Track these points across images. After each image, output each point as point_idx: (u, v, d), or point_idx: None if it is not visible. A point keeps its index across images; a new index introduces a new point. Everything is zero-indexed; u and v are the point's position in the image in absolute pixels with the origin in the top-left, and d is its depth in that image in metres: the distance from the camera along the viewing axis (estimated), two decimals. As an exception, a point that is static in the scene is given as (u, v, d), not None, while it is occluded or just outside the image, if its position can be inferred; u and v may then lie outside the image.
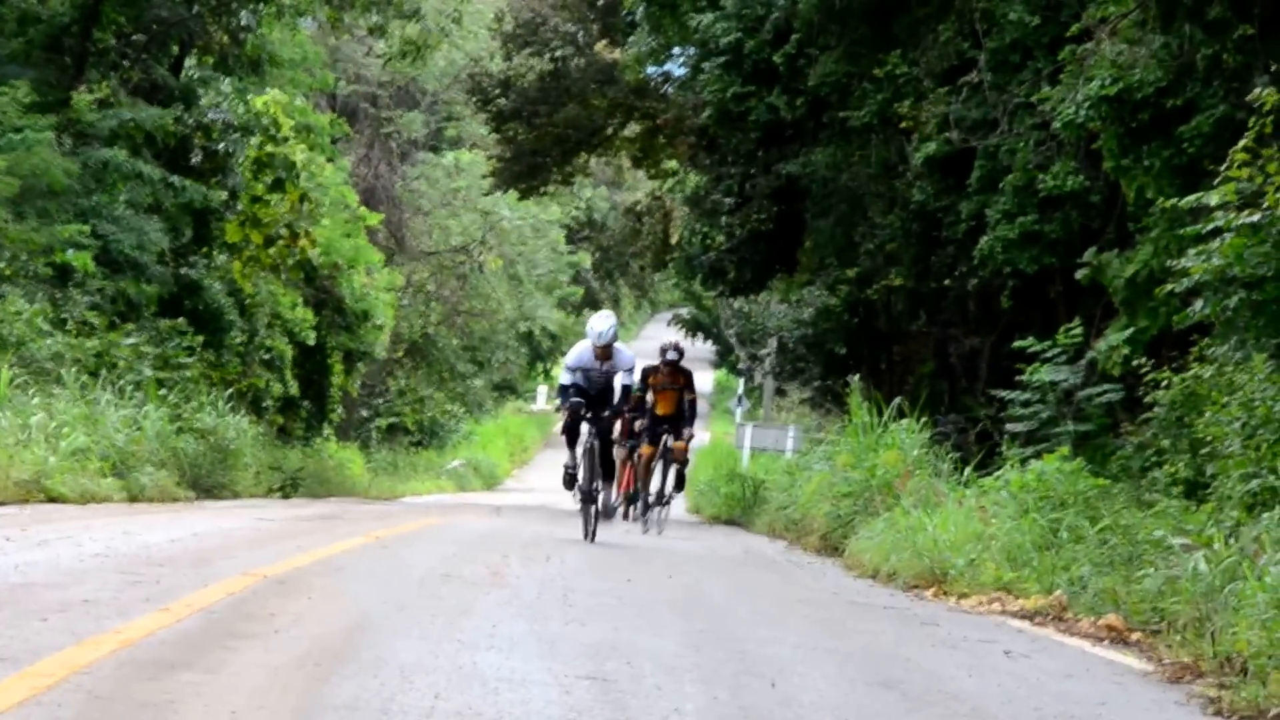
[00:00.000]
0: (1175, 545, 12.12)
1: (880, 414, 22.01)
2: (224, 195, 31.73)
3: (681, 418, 23.11)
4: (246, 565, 11.80)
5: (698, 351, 72.16)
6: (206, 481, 25.08)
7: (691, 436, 23.53)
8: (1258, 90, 14.80)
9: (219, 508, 21.80)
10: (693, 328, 69.05)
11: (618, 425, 20.57)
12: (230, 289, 33.77)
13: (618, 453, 28.28)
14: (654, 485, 23.18)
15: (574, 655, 8.80)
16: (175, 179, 29.32)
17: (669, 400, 23.20)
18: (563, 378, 19.30)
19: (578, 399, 18.92)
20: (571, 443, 19.41)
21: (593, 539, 18.62)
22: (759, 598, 13.79)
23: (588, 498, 18.93)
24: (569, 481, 19.37)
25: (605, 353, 18.87)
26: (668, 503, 23.56)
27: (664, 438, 23.05)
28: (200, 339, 29.63)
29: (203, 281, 31.40)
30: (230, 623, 8.89)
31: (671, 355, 23.27)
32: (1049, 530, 15.03)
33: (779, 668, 9.17)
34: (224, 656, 7.78)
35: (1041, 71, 23.61)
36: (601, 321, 18.97)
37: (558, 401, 19.37)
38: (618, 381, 18.83)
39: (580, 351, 19.17)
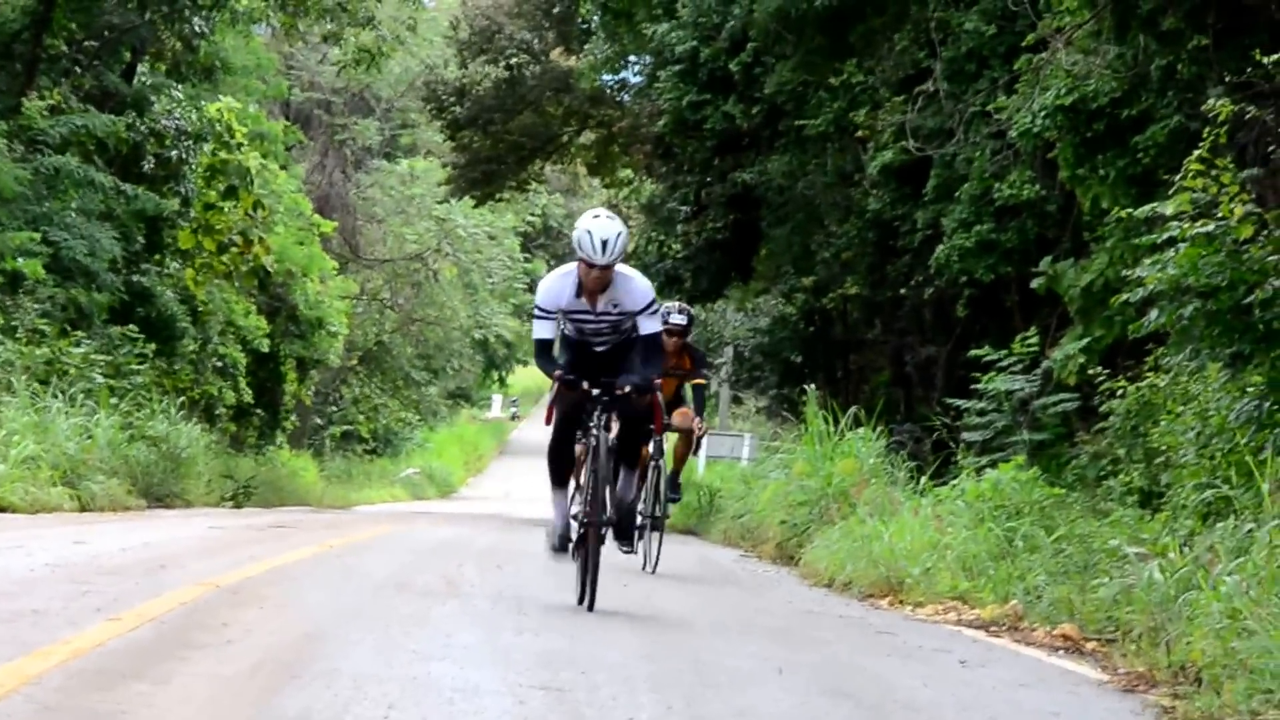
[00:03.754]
0: (1130, 554, 12.13)
1: (836, 422, 22.00)
2: (176, 202, 31.60)
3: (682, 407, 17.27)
4: (198, 575, 11.71)
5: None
6: (158, 490, 24.93)
7: (702, 429, 17.45)
8: (1212, 101, 14.83)
9: (171, 516, 21.67)
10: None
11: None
12: (183, 296, 33.61)
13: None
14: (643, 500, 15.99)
15: (528, 665, 8.75)
16: (127, 186, 29.18)
17: (666, 386, 16.90)
18: (538, 331, 11.70)
19: (570, 377, 11.57)
20: (561, 475, 11.89)
21: (591, 604, 11.65)
22: (714, 607, 13.75)
23: (585, 537, 11.74)
24: (560, 543, 11.93)
25: (602, 282, 11.44)
26: (661, 522, 17.05)
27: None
28: (152, 346, 29.47)
29: (155, 289, 31.23)
30: (182, 633, 8.81)
31: (678, 319, 16.99)
32: (1004, 539, 15.04)
33: (734, 677, 9.13)
34: (175, 667, 7.70)
35: (997, 81, 23.68)
36: (602, 225, 11.29)
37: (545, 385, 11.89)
38: (643, 328, 11.69)
39: (560, 284, 11.60)
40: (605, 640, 10.22)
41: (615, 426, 11.75)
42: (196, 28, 31.63)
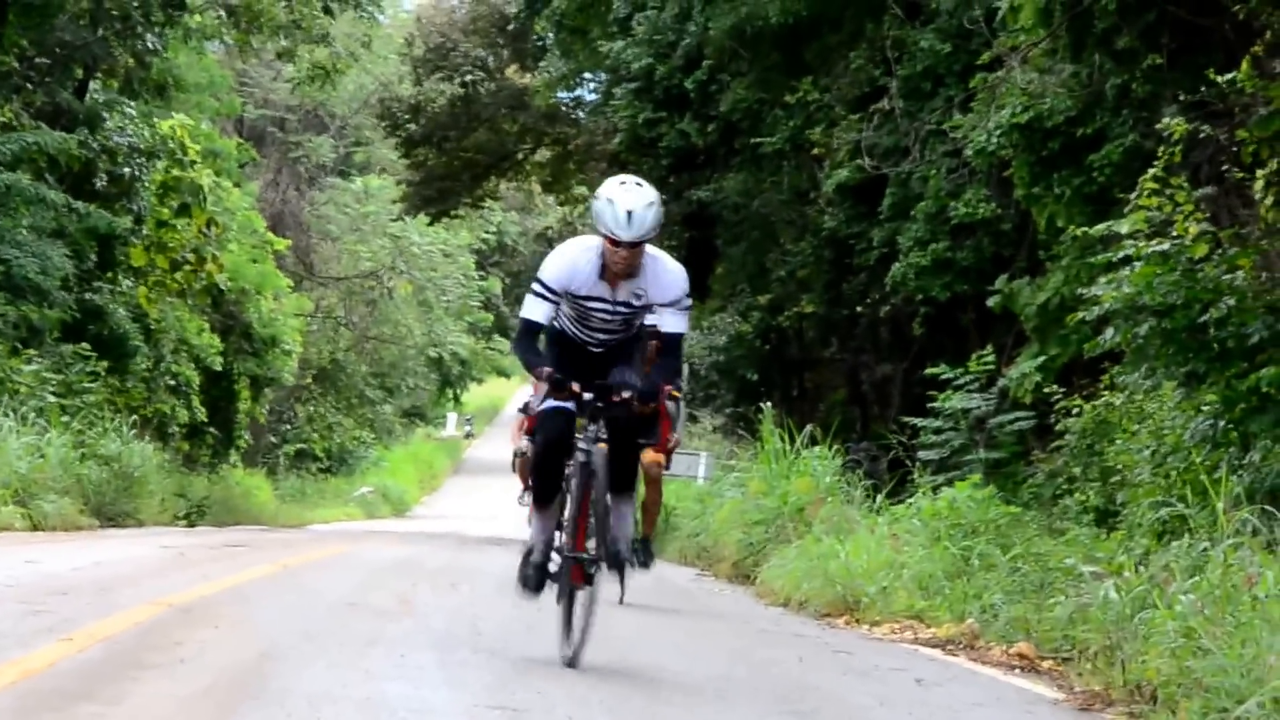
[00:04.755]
0: (1086, 573, 12.13)
1: (792, 441, 21.98)
2: (129, 220, 31.42)
3: (650, 425, 14.15)
4: (151, 594, 11.62)
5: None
6: (110, 509, 24.76)
7: (674, 444, 15.94)
8: (1166, 119, 14.91)
9: (123, 536, 21.53)
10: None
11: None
12: (135, 314, 33.43)
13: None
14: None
15: (483, 685, 8.69)
16: (79, 203, 28.99)
17: None
18: (529, 309, 9.59)
19: (558, 376, 9.46)
20: (547, 490, 9.79)
21: (574, 659, 9.65)
22: (670, 627, 13.71)
23: (569, 575, 9.66)
24: (534, 578, 9.76)
25: (630, 265, 9.36)
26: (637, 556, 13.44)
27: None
28: (104, 365, 29.31)
29: (107, 307, 31.07)
30: (135, 652, 8.73)
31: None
32: (961, 558, 15.03)
33: (690, 697, 9.09)
34: (128, 687, 7.63)
35: (953, 99, 23.77)
36: (629, 193, 9.23)
37: (525, 374, 9.59)
38: (667, 324, 9.57)
39: (579, 260, 9.50)
40: (562, 660, 10.16)
41: (599, 457, 9.53)
42: (149, 44, 31.48)
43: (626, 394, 9.48)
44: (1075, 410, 17.71)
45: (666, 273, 9.50)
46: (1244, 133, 14.96)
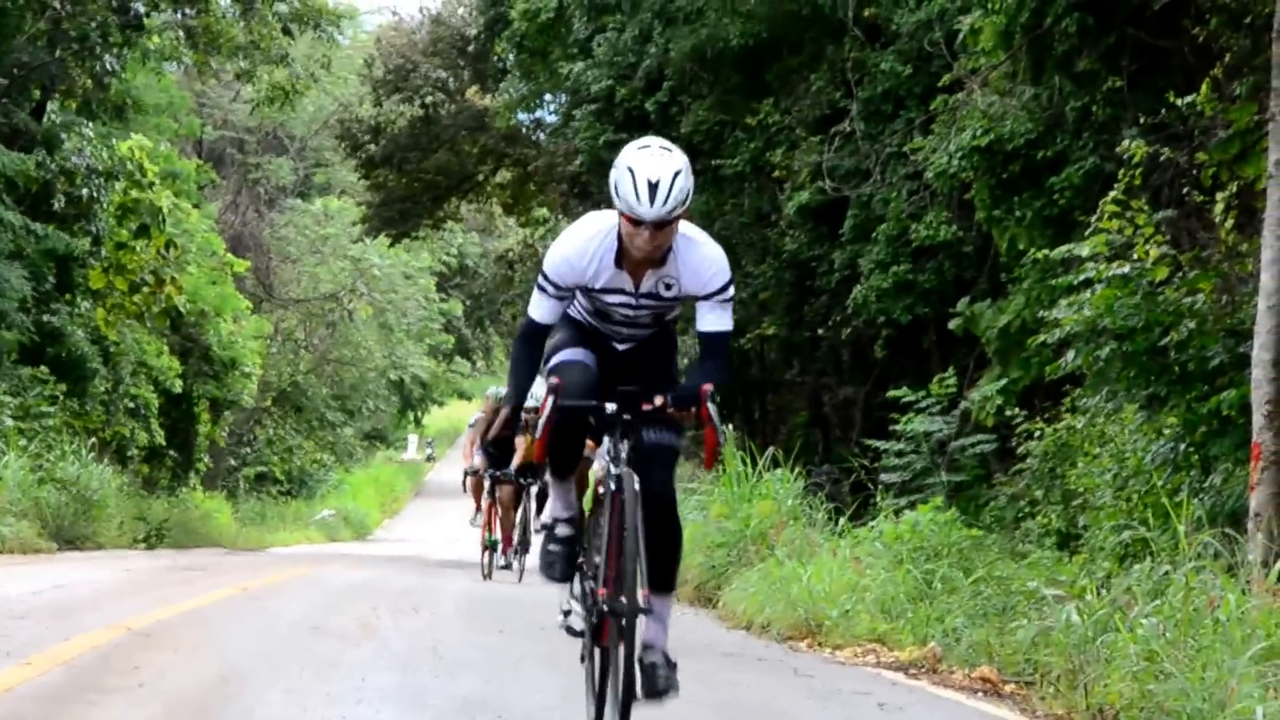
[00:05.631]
0: (1048, 596, 12.13)
1: (754, 464, 21.95)
2: (87, 242, 31.30)
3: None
4: (110, 617, 11.55)
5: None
6: (69, 532, 24.64)
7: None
8: (1126, 142, 14.98)
9: (82, 559, 21.41)
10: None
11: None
12: (94, 337, 33.30)
13: (545, 500, 23.02)
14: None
15: (445, 708, 8.65)
16: (37, 225, 28.89)
17: None
18: (535, 308, 7.61)
19: (569, 404, 7.60)
20: (565, 467, 8.07)
21: None
22: (632, 649, 13.65)
23: (602, 632, 7.81)
24: (563, 560, 8.10)
25: (654, 248, 7.37)
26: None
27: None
28: (63, 388, 29.20)
29: (65, 329, 30.93)
30: (94, 676, 8.68)
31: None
32: (923, 581, 15.02)
33: (655, 722, 9.04)
34: (87, 711, 7.58)
35: (914, 121, 23.81)
36: (653, 159, 7.27)
37: (509, 391, 6.97)
38: (706, 324, 7.67)
39: (589, 247, 7.55)
40: (523, 683, 10.13)
41: (630, 484, 7.72)
42: (107, 65, 31.37)
43: (659, 400, 7.64)
44: (1037, 433, 17.73)
45: (703, 258, 7.53)
46: (1204, 155, 15.03)
